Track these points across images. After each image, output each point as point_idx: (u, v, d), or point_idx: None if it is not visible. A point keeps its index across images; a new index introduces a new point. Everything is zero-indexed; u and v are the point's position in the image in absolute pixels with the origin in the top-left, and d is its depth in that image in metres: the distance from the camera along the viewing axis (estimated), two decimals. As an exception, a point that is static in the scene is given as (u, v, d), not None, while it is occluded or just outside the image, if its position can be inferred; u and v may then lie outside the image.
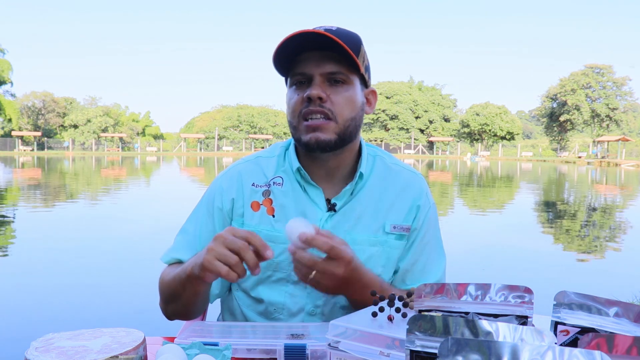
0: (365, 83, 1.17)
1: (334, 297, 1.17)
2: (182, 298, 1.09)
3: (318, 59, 1.09)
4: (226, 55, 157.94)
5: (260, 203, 1.17)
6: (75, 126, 59.16)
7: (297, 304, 1.16)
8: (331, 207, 1.17)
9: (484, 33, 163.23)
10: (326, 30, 1.07)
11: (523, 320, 0.75)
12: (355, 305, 1.08)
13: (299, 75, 1.11)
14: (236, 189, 1.20)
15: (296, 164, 1.17)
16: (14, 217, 8.86)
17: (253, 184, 1.19)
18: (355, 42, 1.10)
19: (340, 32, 1.09)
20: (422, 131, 62.92)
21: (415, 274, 1.22)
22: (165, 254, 1.21)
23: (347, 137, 1.13)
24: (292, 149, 1.21)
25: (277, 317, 1.17)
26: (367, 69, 1.16)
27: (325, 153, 1.13)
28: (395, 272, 1.21)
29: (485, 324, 0.54)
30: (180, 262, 1.17)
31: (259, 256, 0.92)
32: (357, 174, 1.17)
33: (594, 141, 53.46)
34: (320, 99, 1.08)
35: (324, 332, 0.81)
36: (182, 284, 1.06)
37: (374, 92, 1.22)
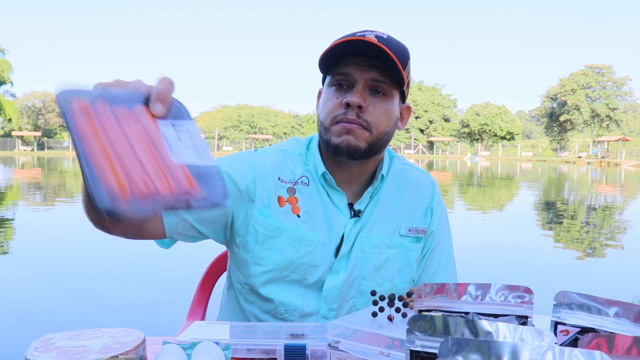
0: (403, 98, 1.15)
1: (350, 300, 1.16)
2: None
3: (364, 65, 1.06)
4: (226, 55, 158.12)
5: (286, 200, 1.14)
6: (75, 126, 59.10)
7: (310, 306, 1.14)
8: (355, 214, 1.15)
9: (484, 33, 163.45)
10: (377, 37, 1.05)
11: (523, 320, 0.75)
12: None
13: (342, 75, 1.08)
14: (268, 175, 1.15)
15: (322, 168, 1.14)
16: (14, 216, 8.87)
17: (279, 178, 1.15)
18: (403, 55, 1.07)
19: (391, 43, 1.06)
20: (422, 131, 62.91)
21: (426, 278, 1.22)
22: None
23: (376, 149, 1.11)
24: (316, 150, 1.17)
25: (287, 317, 1.14)
26: (407, 84, 1.14)
27: (352, 160, 1.11)
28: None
29: (485, 324, 0.54)
30: None
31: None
32: (379, 177, 1.16)
33: (594, 141, 53.45)
34: (359, 107, 1.05)
35: (324, 332, 0.81)
36: None
37: (408, 108, 1.19)
